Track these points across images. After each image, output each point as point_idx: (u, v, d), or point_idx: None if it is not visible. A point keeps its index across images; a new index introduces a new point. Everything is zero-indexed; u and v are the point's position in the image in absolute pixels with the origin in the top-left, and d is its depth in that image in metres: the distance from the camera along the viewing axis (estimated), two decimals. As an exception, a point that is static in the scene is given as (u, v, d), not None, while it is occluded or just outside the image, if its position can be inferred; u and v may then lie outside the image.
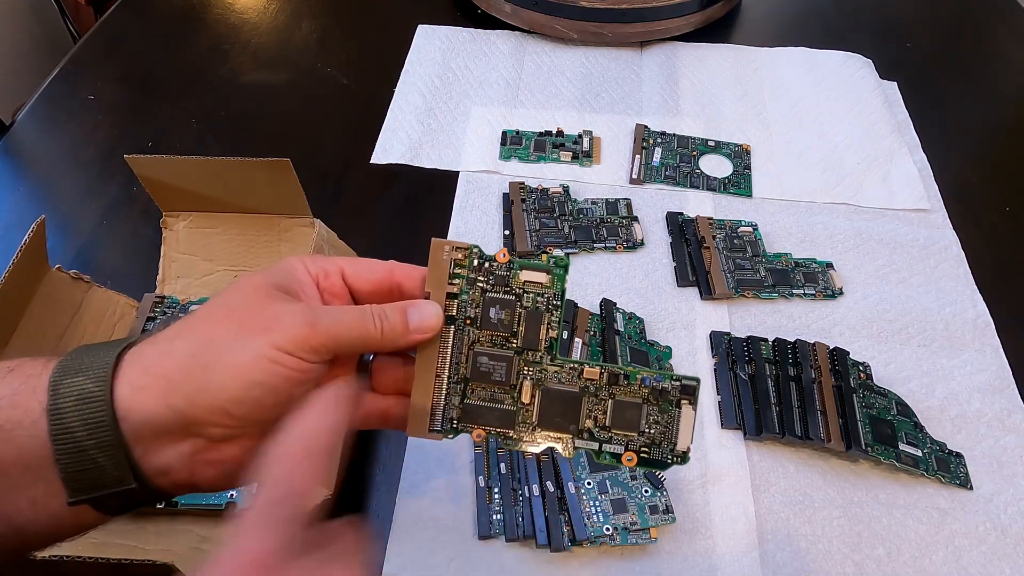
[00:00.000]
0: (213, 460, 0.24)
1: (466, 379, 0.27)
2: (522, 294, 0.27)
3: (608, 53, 0.76)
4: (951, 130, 0.70)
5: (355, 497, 0.44)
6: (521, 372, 0.27)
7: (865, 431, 0.46)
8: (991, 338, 0.53)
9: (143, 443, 0.23)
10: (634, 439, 0.27)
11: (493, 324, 0.27)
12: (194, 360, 0.23)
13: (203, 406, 0.23)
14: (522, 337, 0.27)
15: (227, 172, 0.47)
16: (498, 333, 0.27)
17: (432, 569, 0.41)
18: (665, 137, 0.67)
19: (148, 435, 0.23)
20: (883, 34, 0.80)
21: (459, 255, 0.27)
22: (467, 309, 0.27)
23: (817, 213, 0.61)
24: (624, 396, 0.27)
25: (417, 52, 0.75)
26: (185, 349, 0.23)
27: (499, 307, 0.27)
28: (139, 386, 0.23)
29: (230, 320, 0.24)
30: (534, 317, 0.27)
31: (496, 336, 0.27)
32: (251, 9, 0.82)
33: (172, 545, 0.41)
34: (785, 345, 0.50)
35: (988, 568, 0.42)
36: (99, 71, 0.74)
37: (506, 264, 0.27)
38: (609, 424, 0.27)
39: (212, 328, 0.24)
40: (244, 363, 0.23)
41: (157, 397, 0.23)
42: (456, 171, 0.64)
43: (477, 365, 0.27)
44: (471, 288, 0.27)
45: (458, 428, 0.27)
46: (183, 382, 0.23)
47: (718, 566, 0.42)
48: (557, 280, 0.28)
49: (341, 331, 0.25)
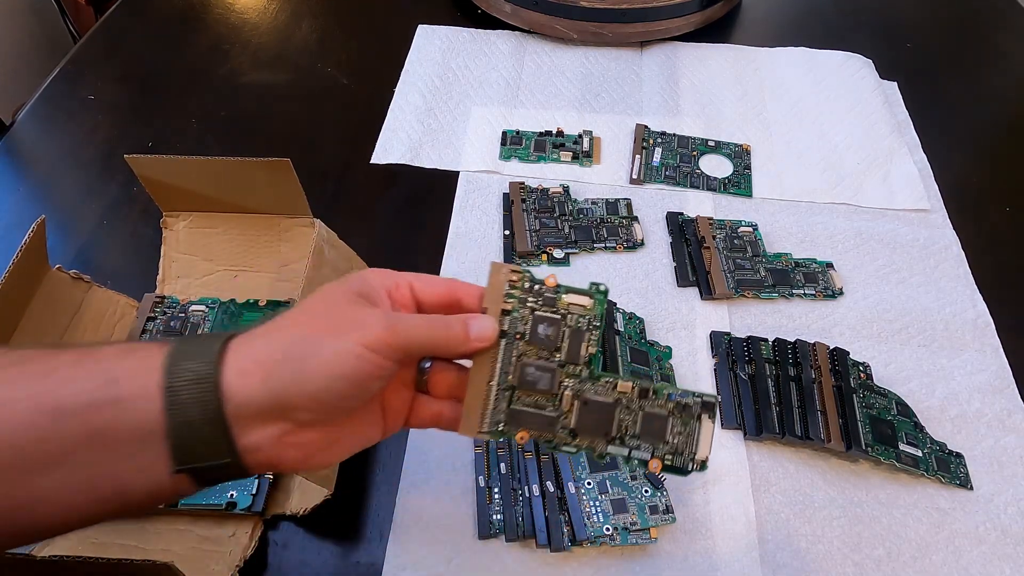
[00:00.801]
0: (296, 443, 0.27)
1: (513, 387, 0.30)
2: (566, 315, 0.31)
3: (608, 53, 0.76)
4: (951, 130, 0.70)
5: (355, 497, 0.44)
6: (563, 383, 0.30)
7: (865, 431, 0.46)
8: (991, 338, 0.53)
9: (241, 423, 0.26)
10: (660, 447, 0.30)
11: (540, 339, 0.30)
12: (291, 353, 0.26)
13: (297, 393, 0.26)
14: (565, 352, 0.30)
15: (227, 172, 0.47)
16: (544, 348, 0.30)
17: (432, 569, 0.41)
18: (665, 137, 0.67)
19: (246, 416, 0.26)
20: (883, 34, 0.81)
21: (514, 277, 0.31)
22: (518, 325, 0.30)
23: (817, 213, 0.61)
24: (652, 408, 0.30)
25: (417, 52, 0.75)
26: (283, 343, 0.27)
27: (546, 324, 0.30)
28: (242, 372, 0.26)
29: (321, 320, 0.27)
30: (576, 335, 0.30)
31: (542, 350, 0.31)
32: (251, 9, 0.82)
33: (172, 545, 0.41)
34: (785, 345, 0.50)
35: (988, 568, 0.42)
36: (99, 71, 0.74)
37: (554, 288, 0.31)
38: (639, 433, 0.30)
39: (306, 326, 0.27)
40: (334, 358, 0.26)
41: (258, 382, 0.26)
42: (456, 171, 0.64)
43: (524, 375, 0.30)
44: (522, 307, 0.31)
45: (504, 430, 0.30)
46: (281, 371, 0.26)
47: (718, 566, 0.42)
48: (598, 304, 0.31)
49: (414, 335, 0.28)
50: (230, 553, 0.40)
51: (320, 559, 0.42)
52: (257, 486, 0.42)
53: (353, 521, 0.43)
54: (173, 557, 0.34)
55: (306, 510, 0.41)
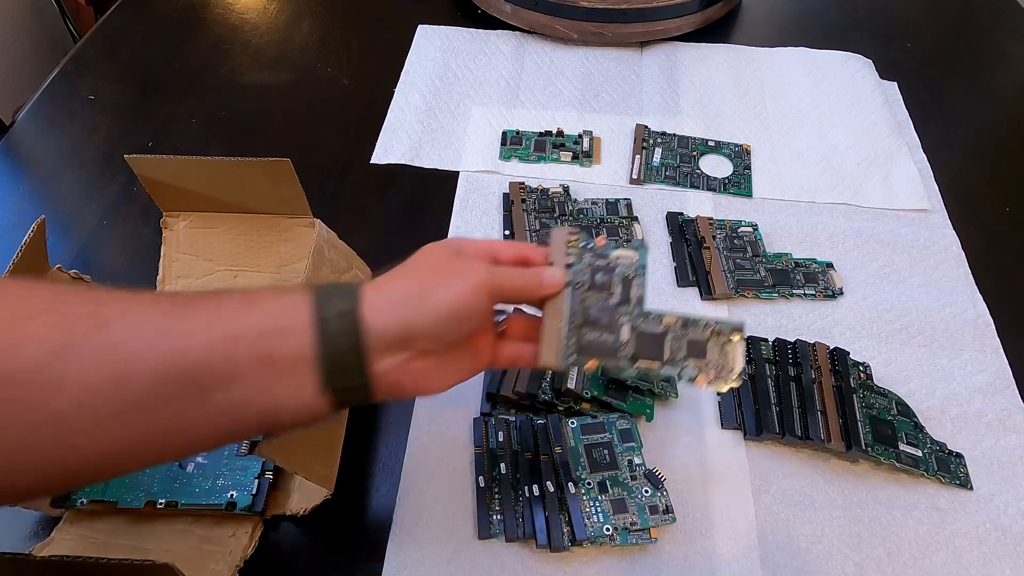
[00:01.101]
0: (413, 369, 0.32)
1: (580, 325, 0.36)
2: (616, 265, 0.37)
3: (608, 53, 0.76)
4: (951, 130, 0.70)
5: (355, 497, 0.44)
6: (619, 319, 0.36)
7: (865, 431, 0.46)
8: (991, 338, 0.53)
9: (375, 351, 0.31)
10: (704, 366, 0.36)
11: (598, 285, 0.37)
12: (415, 294, 0.32)
13: (420, 325, 0.31)
14: (619, 295, 0.37)
15: (227, 172, 0.47)
16: (601, 291, 0.37)
17: (432, 569, 0.41)
18: (665, 137, 0.67)
19: (379, 345, 0.31)
20: (883, 34, 0.81)
21: (572, 238, 0.38)
22: (579, 276, 0.37)
23: (817, 213, 0.61)
24: (694, 335, 0.36)
25: (417, 52, 0.75)
26: (407, 287, 0.32)
27: (602, 273, 0.37)
28: (376, 309, 0.31)
29: (434, 270, 0.33)
30: (627, 281, 0.37)
31: (600, 294, 0.37)
32: (251, 9, 0.82)
33: (172, 545, 0.41)
34: (785, 345, 0.50)
35: (988, 568, 0.42)
36: (99, 71, 0.74)
37: (604, 246, 0.38)
38: (685, 355, 0.36)
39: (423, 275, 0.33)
40: (448, 297, 0.32)
41: (390, 317, 0.31)
42: (456, 171, 0.64)
43: (588, 314, 0.36)
44: (580, 261, 0.37)
45: (576, 360, 0.36)
46: (407, 308, 0.31)
47: (718, 566, 0.42)
48: (641, 255, 0.38)
49: (506, 280, 0.34)
50: (230, 553, 0.40)
51: (320, 559, 0.42)
52: (257, 486, 0.42)
53: (353, 521, 0.43)
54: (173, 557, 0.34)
55: (306, 510, 0.41)
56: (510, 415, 0.47)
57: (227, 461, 0.43)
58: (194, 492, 0.42)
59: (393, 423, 0.48)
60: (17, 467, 0.26)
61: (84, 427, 0.26)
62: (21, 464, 0.26)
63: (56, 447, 0.26)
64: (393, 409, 0.48)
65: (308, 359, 0.29)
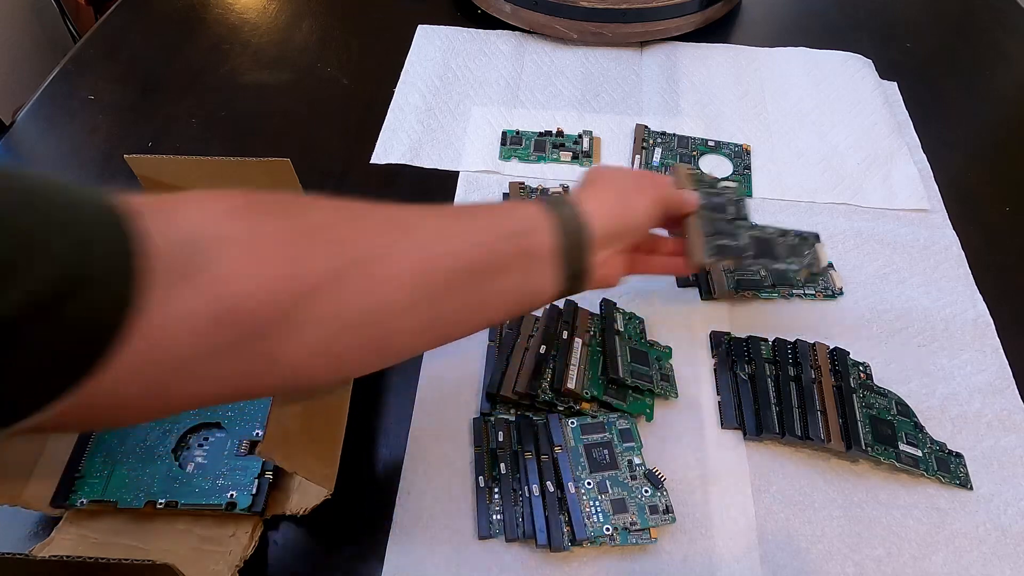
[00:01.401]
0: (611, 263, 0.41)
1: (711, 234, 0.45)
2: (724, 192, 0.48)
3: (608, 53, 0.76)
4: (951, 130, 0.70)
5: (355, 497, 0.44)
6: (738, 230, 0.46)
7: (865, 431, 0.46)
8: (991, 338, 0.53)
9: (593, 247, 0.38)
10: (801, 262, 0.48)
11: (717, 205, 0.47)
12: (619, 203, 0.41)
13: (625, 225, 0.41)
14: (732, 212, 0.47)
15: (227, 172, 0.47)
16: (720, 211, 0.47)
17: (432, 569, 0.41)
18: (665, 137, 0.67)
19: (595, 242, 0.38)
20: (883, 34, 0.81)
21: (691, 172, 0.48)
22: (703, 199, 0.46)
23: (817, 213, 0.61)
24: (790, 241, 0.48)
25: (417, 52, 0.75)
26: (613, 197, 0.41)
27: (718, 197, 0.47)
28: (592, 213, 0.39)
29: (630, 184, 0.42)
30: (739, 202, 0.48)
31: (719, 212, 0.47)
32: (251, 9, 0.82)
33: (172, 545, 0.41)
34: (785, 345, 0.50)
35: (988, 568, 0.42)
36: (99, 71, 0.74)
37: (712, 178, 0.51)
38: (787, 255, 0.47)
39: (621, 188, 0.42)
40: (645, 206, 0.42)
41: (604, 219, 0.39)
42: (456, 171, 0.64)
43: (716, 227, 0.46)
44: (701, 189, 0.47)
45: (716, 259, 0.45)
46: (615, 214, 0.40)
47: (718, 566, 0.42)
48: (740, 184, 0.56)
49: (672, 197, 0.44)
50: (230, 553, 0.40)
51: (320, 559, 0.42)
52: (257, 486, 0.42)
53: (353, 521, 0.43)
54: (173, 557, 0.34)
55: (306, 510, 0.41)
56: (510, 415, 0.47)
57: (227, 461, 0.43)
58: (194, 492, 0.42)
59: (393, 423, 0.48)
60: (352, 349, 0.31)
61: (402, 310, 0.32)
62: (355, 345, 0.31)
63: (386, 326, 0.32)
64: (393, 409, 0.48)
65: (553, 252, 0.37)
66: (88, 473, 0.42)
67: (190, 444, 0.44)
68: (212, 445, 0.44)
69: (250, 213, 0.29)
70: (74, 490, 0.42)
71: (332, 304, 0.29)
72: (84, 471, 0.42)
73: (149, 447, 0.44)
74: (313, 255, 0.29)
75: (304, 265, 0.29)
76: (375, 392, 0.49)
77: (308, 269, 0.29)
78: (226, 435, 0.44)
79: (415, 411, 0.48)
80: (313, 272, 0.29)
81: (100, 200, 0.25)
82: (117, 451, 0.43)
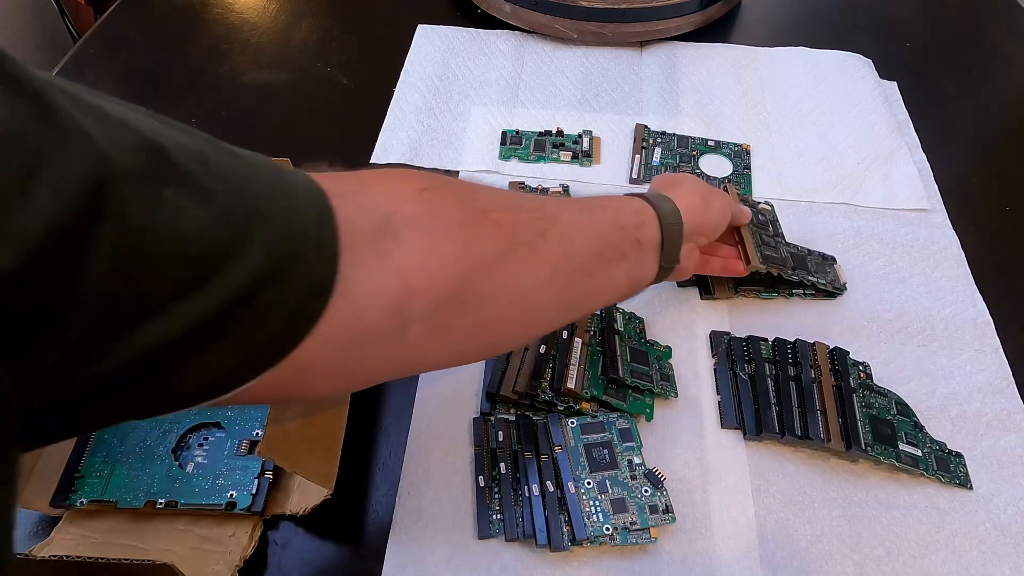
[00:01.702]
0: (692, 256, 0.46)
1: (759, 245, 0.52)
2: (763, 213, 0.57)
3: (608, 53, 0.76)
4: (951, 130, 0.70)
5: (355, 497, 0.44)
6: (778, 244, 0.54)
7: (865, 431, 0.46)
8: (991, 338, 0.53)
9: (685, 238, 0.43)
10: (826, 276, 0.55)
11: (761, 223, 0.55)
12: (703, 204, 0.45)
13: (705, 223, 0.45)
14: (771, 228, 0.56)
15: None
16: (763, 227, 0.55)
17: (432, 569, 0.41)
18: (665, 137, 0.67)
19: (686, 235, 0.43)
20: (883, 34, 0.81)
21: (736, 193, 0.56)
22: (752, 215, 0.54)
23: (817, 213, 0.61)
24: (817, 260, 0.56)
25: (417, 52, 0.75)
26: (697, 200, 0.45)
27: (761, 215, 0.56)
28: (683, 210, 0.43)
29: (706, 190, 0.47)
30: (774, 222, 0.57)
31: (763, 228, 0.55)
32: (251, 9, 0.82)
33: (172, 545, 0.41)
34: (785, 345, 0.50)
35: (988, 568, 0.42)
36: (99, 71, 0.74)
37: (754, 201, 0.59)
38: (816, 271, 0.55)
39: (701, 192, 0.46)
40: (722, 208, 0.47)
41: (692, 217, 0.43)
42: (456, 171, 0.64)
43: (763, 239, 0.53)
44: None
45: (767, 266, 0.51)
46: (700, 213, 0.44)
47: (718, 566, 0.42)
48: (773, 208, 0.59)
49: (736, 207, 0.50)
50: (230, 553, 0.40)
51: (320, 559, 0.42)
52: (257, 486, 0.42)
53: (353, 521, 0.43)
54: (173, 557, 0.34)
55: (306, 510, 0.41)
56: (510, 415, 0.47)
57: (227, 461, 0.43)
58: (194, 492, 0.42)
59: (393, 423, 0.48)
60: (507, 324, 0.34)
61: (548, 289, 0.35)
62: (510, 321, 0.34)
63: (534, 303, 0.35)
64: (393, 409, 0.48)
65: (657, 242, 0.41)
66: (88, 473, 0.42)
67: (190, 444, 0.44)
68: (212, 445, 0.44)
69: (432, 195, 0.31)
70: (74, 490, 0.42)
71: (496, 283, 0.32)
72: (84, 471, 0.42)
73: (149, 447, 0.44)
74: (484, 236, 0.32)
75: (477, 246, 0.31)
76: (375, 392, 0.49)
77: (480, 250, 0.31)
78: (226, 435, 0.44)
79: (415, 411, 0.48)
80: (484, 253, 0.31)
81: (307, 180, 0.27)
82: (117, 451, 0.43)
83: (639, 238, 0.40)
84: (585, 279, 0.37)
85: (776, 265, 0.51)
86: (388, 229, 0.28)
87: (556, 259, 0.35)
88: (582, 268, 0.36)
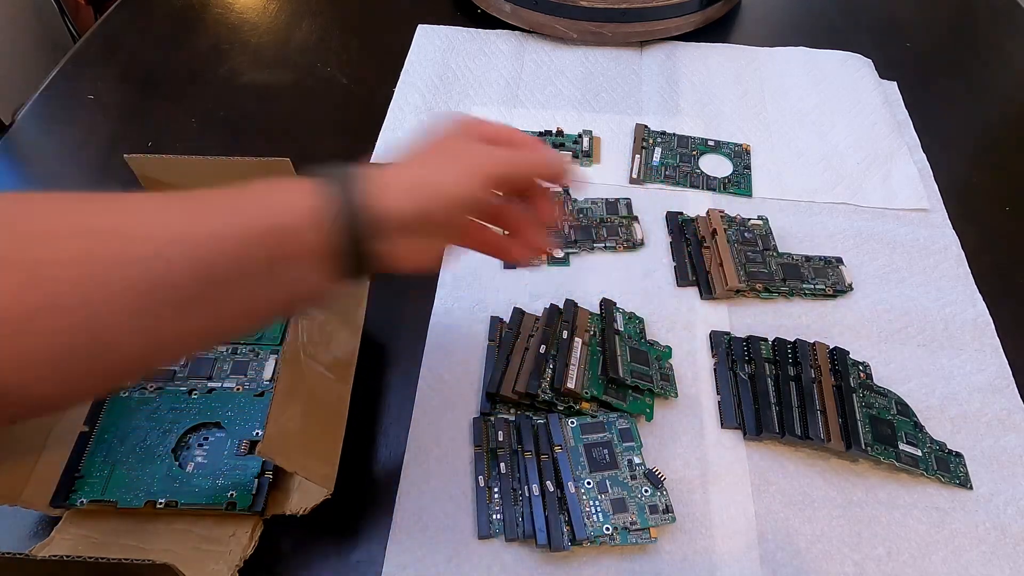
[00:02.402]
0: (415, 250, 0.34)
1: (744, 263, 0.55)
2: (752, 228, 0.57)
3: (608, 53, 0.76)
4: (951, 130, 0.70)
5: (355, 497, 0.44)
6: (768, 258, 0.55)
7: (865, 431, 0.46)
8: (991, 338, 0.53)
9: (382, 233, 0.32)
10: (825, 281, 0.55)
11: (747, 241, 0.56)
12: (424, 176, 0.33)
13: (431, 209, 0.33)
14: (761, 244, 0.56)
15: (227, 172, 0.47)
16: (749, 244, 0.56)
17: (432, 569, 0.41)
18: (665, 137, 0.67)
19: (387, 228, 0.32)
20: (883, 34, 0.81)
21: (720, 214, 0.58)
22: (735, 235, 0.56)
23: (817, 213, 0.61)
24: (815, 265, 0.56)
25: (417, 52, 0.75)
26: (416, 174, 0.34)
27: (746, 232, 0.57)
28: (382, 196, 0.32)
29: (443, 153, 0.35)
30: (763, 236, 0.57)
31: (749, 245, 0.56)
32: (251, 9, 0.82)
33: (172, 545, 0.41)
34: (785, 345, 0.50)
35: (988, 568, 0.42)
36: (99, 71, 0.74)
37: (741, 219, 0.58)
38: (813, 277, 0.55)
39: (432, 158, 0.35)
40: (454, 179, 0.33)
41: (403, 201, 0.32)
42: (456, 171, 0.64)
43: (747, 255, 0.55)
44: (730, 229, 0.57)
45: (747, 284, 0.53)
46: (420, 193, 0.33)
47: (718, 566, 0.42)
48: (765, 223, 0.58)
49: (507, 170, 0.36)
50: (230, 553, 0.40)
51: (320, 559, 0.42)
52: (257, 486, 0.42)
53: (353, 521, 0.43)
54: (173, 557, 0.34)
55: (306, 510, 0.41)
56: (510, 415, 0.47)
57: (227, 461, 0.43)
58: (194, 492, 0.42)
59: (393, 423, 0.48)
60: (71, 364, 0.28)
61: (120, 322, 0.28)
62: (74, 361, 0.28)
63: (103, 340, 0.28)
64: (393, 409, 0.48)
65: (323, 254, 0.31)
66: (88, 473, 0.42)
67: (190, 444, 0.44)
68: (212, 445, 0.44)
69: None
70: (74, 490, 0.42)
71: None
72: (84, 471, 0.42)
73: (149, 447, 0.44)
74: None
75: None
76: (375, 392, 0.49)
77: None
78: (226, 435, 0.44)
79: (415, 411, 0.48)
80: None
81: None
82: (117, 451, 0.43)
83: (279, 250, 0.30)
84: (184, 316, 0.29)
85: (760, 281, 0.53)
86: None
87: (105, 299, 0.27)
88: (175, 303, 0.28)
